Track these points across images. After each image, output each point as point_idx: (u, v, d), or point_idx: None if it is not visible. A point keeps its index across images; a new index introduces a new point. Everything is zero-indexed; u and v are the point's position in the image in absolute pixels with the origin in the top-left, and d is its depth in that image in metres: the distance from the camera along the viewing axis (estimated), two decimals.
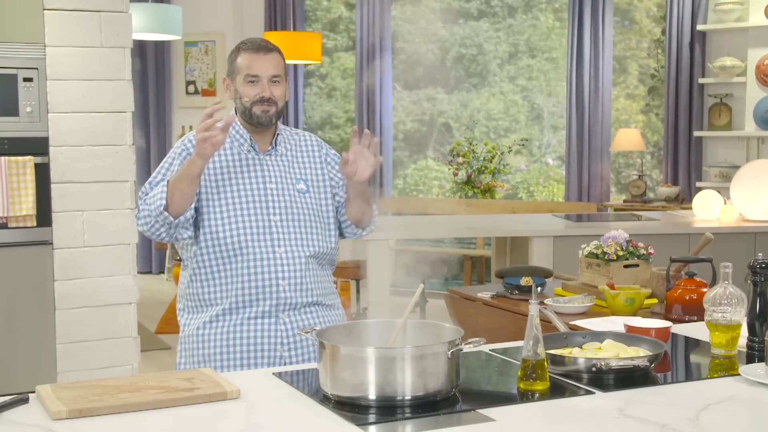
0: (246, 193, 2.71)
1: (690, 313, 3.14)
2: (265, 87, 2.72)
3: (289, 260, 2.69)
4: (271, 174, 2.76)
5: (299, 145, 2.86)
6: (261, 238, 2.68)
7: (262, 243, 2.68)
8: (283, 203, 2.73)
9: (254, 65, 2.72)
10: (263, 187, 2.73)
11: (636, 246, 3.66)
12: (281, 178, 2.76)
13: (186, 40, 9.22)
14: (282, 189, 2.75)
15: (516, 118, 9.64)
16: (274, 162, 2.78)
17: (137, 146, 9.34)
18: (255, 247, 2.67)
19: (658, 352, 2.24)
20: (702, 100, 7.95)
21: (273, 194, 2.73)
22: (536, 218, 6.23)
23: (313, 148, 2.88)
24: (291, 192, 2.76)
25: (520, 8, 9.52)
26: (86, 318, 4.07)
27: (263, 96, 2.71)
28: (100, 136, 4.06)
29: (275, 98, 2.73)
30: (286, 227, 2.71)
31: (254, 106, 2.72)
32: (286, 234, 2.71)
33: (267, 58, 2.73)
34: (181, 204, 2.60)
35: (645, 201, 8.04)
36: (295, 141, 2.86)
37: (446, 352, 1.97)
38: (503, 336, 3.39)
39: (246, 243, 2.67)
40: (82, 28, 4.00)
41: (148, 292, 8.46)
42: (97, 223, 4.07)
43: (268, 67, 2.73)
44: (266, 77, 2.72)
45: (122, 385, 2.03)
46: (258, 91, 2.72)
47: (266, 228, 2.70)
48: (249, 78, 2.73)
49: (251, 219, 2.69)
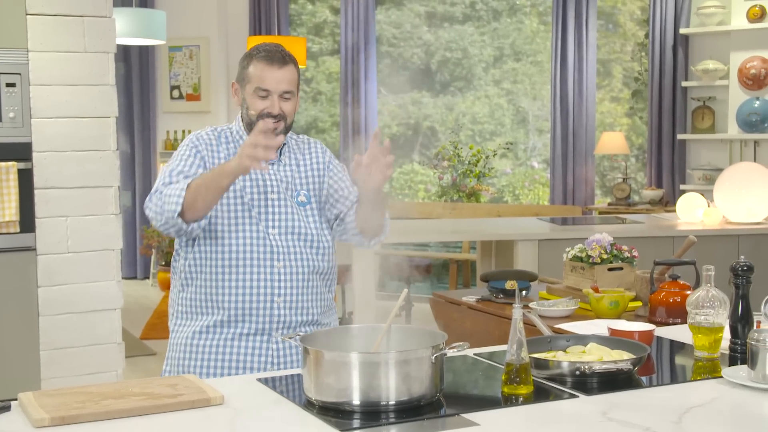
0: (246, 203, 2.58)
1: (674, 315, 3.15)
2: (275, 103, 2.57)
3: (287, 276, 2.57)
4: (273, 184, 2.63)
5: (303, 153, 2.72)
6: (259, 250, 2.56)
7: (260, 257, 2.56)
8: (284, 216, 2.61)
9: (266, 78, 2.57)
10: (264, 198, 2.61)
11: (620, 249, 3.67)
12: (284, 189, 2.63)
13: (170, 44, 9.21)
14: (284, 200, 2.62)
15: (501, 121, 9.66)
16: (277, 172, 2.65)
17: (121, 151, 9.31)
18: (252, 260, 2.56)
19: (642, 356, 2.24)
20: (685, 103, 7.99)
21: (274, 206, 2.60)
22: (521, 222, 6.24)
23: (317, 154, 2.74)
24: (293, 204, 2.63)
25: (505, 12, 9.55)
26: (70, 324, 4.06)
27: (271, 112, 2.57)
28: (83, 141, 4.04)
29: (284, 114, 2.59)
30: (285, 241, 2.59)
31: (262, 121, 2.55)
32: (285, 248, 2.58)
33: (281, 72, 2.57)
34: (200, 212, 2.46)
35: (629, 204, 8.07)
36: (299, 149, 2.73)
37: (430, 356, 1.97)
38: (489, 340, 3.39)
39: (242, 256, 2.56)
40: (65, 33, 3.98)
41: (133, 298, 8.42)
42: (81, 229, 4.05)
43: (280, 82, 2.57)
44: (277, 93, 2.57)
45: (105, 392, 2.02)
46: (266, 106, 2.57)
47: (264, 241, 2.57)
48: (259, 91, 2.58)
49: (250, 230, 2.57)
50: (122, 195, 9.33)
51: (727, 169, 6.07)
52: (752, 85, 7.39)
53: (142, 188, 9.56)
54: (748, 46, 7.42)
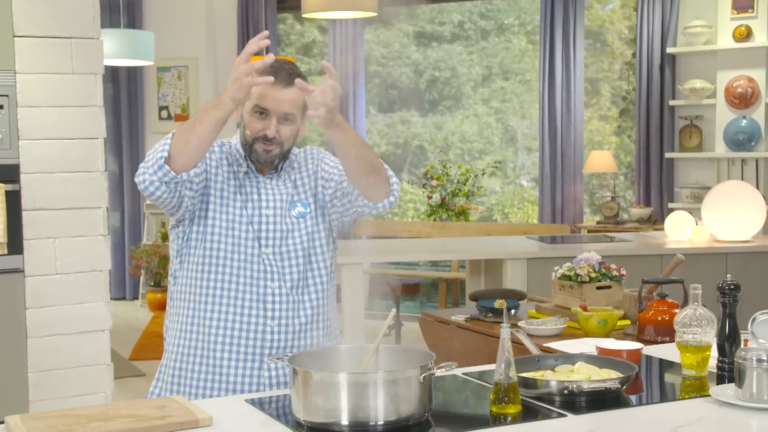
0: (238, 219, 2.44)
1: (662, 334, 3.16)
2: (272, 124, 2.39)
3: (281, 297, 2.45)
4: (269, 198, 2.48)
5: (299, 162, 2.57)
6: (250, 269, 2.43)
7: (252, 276, 2.43)
8: (279, 233, 2.46)
9: (266, 96, 2.38)
10: (258, 213, 2.46)
11: (609, 268, 3.68)
12: (279, 203, 2.49)
13: (158, 65, 9.22)
14: (280, 215, 2.47)
15: (490, 140, 9.69)
16: (274, 185, 2.50)
17: (110, 172, 9.30)
18: (243, 280, 2.43)
19: (630, 374, 2.25)
20: (673, 121, 8.03)
21: (269, 221, 2.46)
22: (510, 240, 6.26)
23: (312, 158, 2.58)
24: (290, 219, 2.49)
25: (493, 31, 9.60)
26: (58, 346, 4.04)
27: (267, 135, 2.40)
28: (71, 162, 4.05)
29: (280, 138, 2.42)
30: (279, 260, 2.45)
31: (256, 143, 2.42)
32: (278, 267, 2.45)
33: (284, 92, 2.37)
34: (191, 154, 2.25)
35: (618, 222, 8.09)
36: (298, 160, 2.58)
37: (418, 376, 1.98)
38: (478, 359, 3.39)
39: (234, 276, 2.43)
40: (53, 55, 3.99)
41: (122, 318, 8.40)
42: (69, 250, 4.05)
43: (281, 103, 2.38)
44: (277, 114, 2.39)
45: (93, 414, 2.02)
46: (263, 127, 2.40)
47: (257, 258, 2.44)
48: (257, 109, 2.40)
49: (242, 248, 2.43)
50: (111, 216, 9.31)
51: (714, 188, 6.10)
52: (739, 104, 7.44)
53: (131, 209, 9.55)
54: (734, 65, 7.48)
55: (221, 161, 2.51)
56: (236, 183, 2.48)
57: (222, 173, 2.48)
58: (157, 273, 8.89)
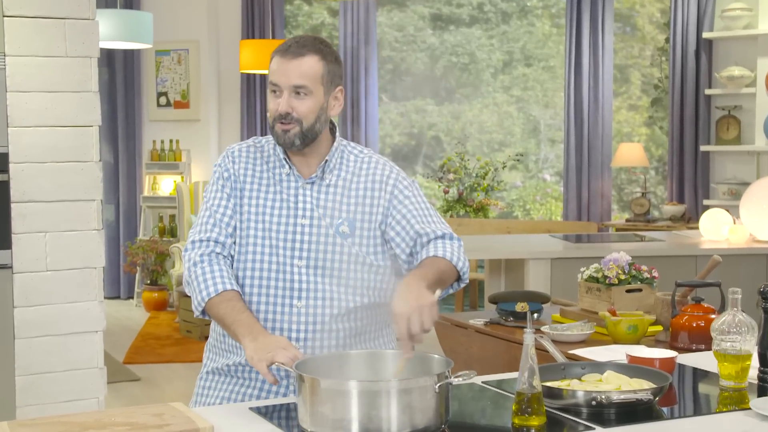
0: (271, 227, 2.45)
1: (697, 341, 3.14)
2: (284, 100, 2.39)
3: (308, 318, 2.42)
4: (307, 207, 2.45)
5: (358, 173, 2.51)
6: (278, 285, 2.43)
7: (277, 292, 2.43)
8: (314, 245, 2.42)
9: (277, 71, 2.40)
10: (293, 222, 2.44)
11: (639, 269, 3.67)
12: (320, 214, 2.45)
13: (157, 48, 9.23)
14: (318, 227, 2.44)
15: (511, 131, 9.68)
16: (316, 192, 2.47)
17: (105, 162, 9.33)
18: (269, 296, 2.43)
19: (663, 385, 2.23)
20: (709, 112, 8.00)
21: (304, 232, 2.43)
22: (533, 239, 6.24)
23: (376, 177, 2.50)
24: (328, 233, 2.44)
25: (515, 14, 9.57)
26: (48, 347, 4.05)
27: (280, 112, 2.40)
28: (64, 151, 4.05)
29: (297, 115, 2.39)
30: (312, 276, 2.42)
31: (276, 124, 2.42)
32: (311, 284, 2.42)
33: (293, 63, 2.38)
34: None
35: (649, 220, 8.07)
36: (355, 166, 2.52)
37: (434, 385, 1.97)
38: (497, 366, 3.38)
39: (260, 290, 2.44)
40: (45, 36, 3.99)
41: (116, 319, 8.42)
42: (60, 246, 4.05)
43: (289, 75, 2.38)
44: (287, 87, 2.39)
45: (86, 422, 2.01)
46: (278, 106, 2.40)
47: (287, 274, 2.43)
48: (272, 87, 2.42)
49: (271, 261, 2.44)
50: (105, 209, 9.34)
51: (754, 184, 6.07)
52: None
53: (126, 202, 9.57)
54: None
55: (254, 161, 2.53)
56: (274, 187, 2.49)
57: (257, 173, 2.51)
58: (154, 270, 8.91)
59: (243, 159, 2.53)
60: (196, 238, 2.49)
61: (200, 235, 2.48)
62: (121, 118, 9.57)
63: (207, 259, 2.44)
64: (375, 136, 9.27)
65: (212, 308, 2.39)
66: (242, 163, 2.53)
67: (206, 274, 2.42)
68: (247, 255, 2.46)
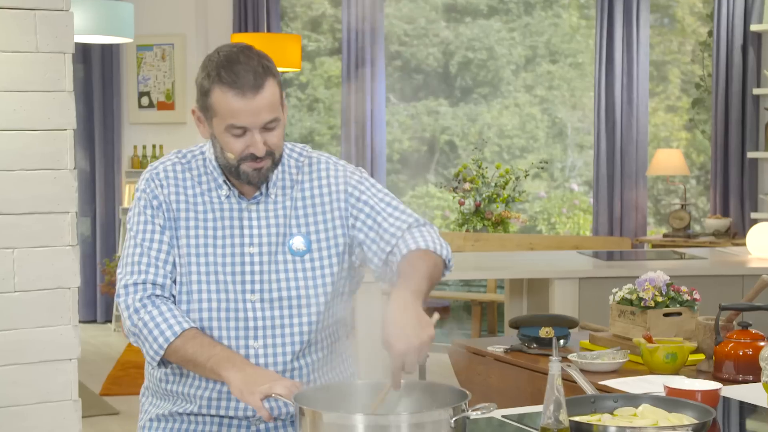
0: (216, 260, 2.40)
1: (744, 372, 3.14)
2: (257, 140, 2.31)
3: (267, 359, 2.40)
4: (254, 232, 2.42)
5: (302, 179, 2.48)
6: (230, 326, 2.40)
7: (230, 333, 2.40)
8: (267, 275, 2.41)
9: (240, 113, 2.28)
10: (239, 252, 2.41)
11: (678, 290, 3.66)
12: (269, 238, 2.42)
13: (139, 43, 9.26)
14: (268, 254, 2.41)
15: (534, 135, 9.69)
16: (263, 212, 2.43)
17: (80, 170, 9.35)
18: (222, 338, 2.39)
19: (706, 420, 2.23)
20: (757, 114, 8.00)
21: (254, 262, 2.41)
22: (558, 256, 6.24)
23: (322, 180, 2.48)
24: (281, 258, 2.42)
25: (539, 4, 9.60)
26: (16, 377, 4.06)
27: (255, 154, 2.32)
28: (34, 158, 4.06)
29: (271, 148, 2.34)
30: (268, 311, 2.41)
31: (243, 164, 2.34)
32: (267, 320, 2.41)
33: (257, 99, 2.28)
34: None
35: (689, 235, 8.06)
36: (298, 173, 2.49)
37: (449, 419, 1.97)
38: (519, 398, 3.38)
39: (211, 333, 2.39)
40: (14, 30, 4.01)
41: (92, 346, 8.43)
42: (30, 263, 4.06)
43: (259, 114, 2.29)
44: (258, 126, 2.31)
45: None
46: (246, 146, 2.32)
47: (239, 312, 2.40)
48: (233, 129, 2.31)
49: (220, 299, 2.40)
50: (80, 222, 9.35)
51: None
52: None
53: (104, 215, 9.59)
54: None
55: (183, 183, 2.46)
56: (213, 213, 2.44)
57: (188, 200, 2.45)
58: None
59: (171, 181, 2.46)
60: (129, 282, 2.41)
61: (134, 278, 2.41)
62: (98, 121, 9.60)
63: (149, 302, 2.38)
64: (382, 141, 9.27)
65: (175, 352, 2.34)
66: (171, 187, 2.46)
67: (156, 318, 2.36)
68: (191, 295, 2.41)
